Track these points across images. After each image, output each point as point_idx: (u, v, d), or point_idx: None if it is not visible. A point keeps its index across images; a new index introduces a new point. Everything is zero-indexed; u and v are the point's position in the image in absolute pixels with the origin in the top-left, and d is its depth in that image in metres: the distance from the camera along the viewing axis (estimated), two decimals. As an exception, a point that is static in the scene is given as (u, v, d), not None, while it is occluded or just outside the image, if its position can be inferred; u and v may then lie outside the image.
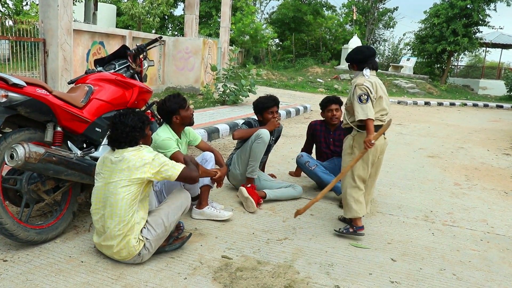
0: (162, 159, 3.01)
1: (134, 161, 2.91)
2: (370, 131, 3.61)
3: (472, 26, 24.52)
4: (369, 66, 3.79)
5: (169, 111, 3.86)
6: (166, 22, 32.54)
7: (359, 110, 3.60)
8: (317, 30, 32.83)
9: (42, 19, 7.67)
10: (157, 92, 11.99)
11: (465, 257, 3.55)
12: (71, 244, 3.24)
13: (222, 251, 3.31)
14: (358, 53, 3.84)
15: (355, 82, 3.72)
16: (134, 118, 3.01)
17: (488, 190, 5.62)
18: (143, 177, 2.91)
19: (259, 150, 4.46)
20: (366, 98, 3.60)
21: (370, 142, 3.60)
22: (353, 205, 3.78)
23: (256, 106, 4.74)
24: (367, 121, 3.60)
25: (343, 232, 3.75)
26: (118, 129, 2.95)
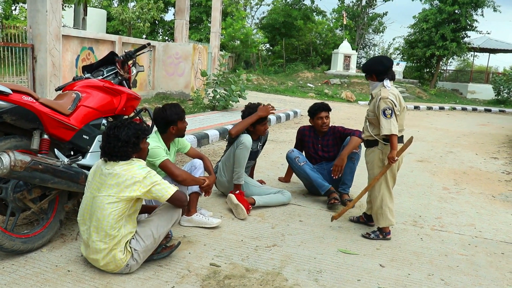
0: (154, 178, 2.92)
1: (124, 178, 2.84)
2: (394, 146, 3.66)
3: (460, 31, 24.79)
4: (388, 77, 3.80)
5: (168, 121, 3.81)
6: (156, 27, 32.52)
7: (384, 125, 3.64)
8: (307, 35, 32.97)
9: (30, 25, 7.62)
10: (147, 97, 11.95)
11: (453, 262, 3.57)
12: (57, 253, 3.21)
13: (210, 259, 3.29)
14: (379, 64, 3.83)
15: (379, 94, 3.71)
16: (128, 132, 2.91)
17: (476, 194, 5.65)
18: (132, 195, 2.85)
19: (243, 156, 4.45)
20: (390, 113, 3.63)
21: (393, 159, 3.68)
22: (389, 214, 3.87)
23: (246, 113, 4.69)
24: (391, 137, 3.64)
25: (372, 237, 3.89)
26: (111, 142, 2.87)
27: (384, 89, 3.73)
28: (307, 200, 4.89)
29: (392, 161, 3.70)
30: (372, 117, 3.81)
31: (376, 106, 3.72)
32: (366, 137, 3.93)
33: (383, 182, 3.87)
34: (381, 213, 3.88)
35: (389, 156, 3.69)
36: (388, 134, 3.64)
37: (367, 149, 3.95)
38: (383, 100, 3.66)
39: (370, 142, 3.89)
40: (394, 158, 3.68)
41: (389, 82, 3.79)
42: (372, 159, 3.89)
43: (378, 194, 3.89)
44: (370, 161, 3.92)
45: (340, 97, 19.61)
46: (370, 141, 3.89)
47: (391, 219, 3.88)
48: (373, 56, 4.05)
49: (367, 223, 4.21)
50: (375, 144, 3.85)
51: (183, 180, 3.57)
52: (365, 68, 3.91)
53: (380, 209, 3.89)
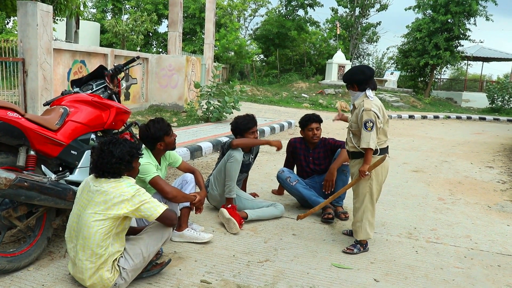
0: (142, 196, 2.85)
1: (112, 195, 2.77)
2: (368, 161, 3.63)
3: (454, 40, 24.94)
4: (370, 86, 3.74)
5: (153, 138, 3.73)
6: (150, 39, 32.55)
7: (363, 137, 3.60)
8: (301, 45, 33.06)
9: (21, 39, 7.57)
10: (140, 110, 11.90)
11: (449, 275, 3.51)
12: (44, 272, 3.13)
13: (201, 275, 3.22)
14: (359, 73, 3.76)
15: (362, 106, 3.65)
16: (123, 149, 2.86)
17: (471, 205, 5.61)
18: (120, 213, 2.77)
19: (234, 169, 4.40)
20: (371, 126, 3.58)
21: (364, 173, 3.65)
22: (368, 228, 3.81)
23: (236, 128, 4.65)
24: (367, 150, 3.61)
25: (355, 252, 3.81)
26: (104, 158, 2.81)
27: (367, 100, 3.67)
28: (300, 213, 4.82)
29: (363, 174, 3.66)
30: (355, 129, 3.75)
31: (359, 117, 3.66)
32: (350, 149, 3.86)
33: (367, 195, 3.80)
34: (360, 226, 3.82)
35: (361, 169, 3.66)
36: (366, 148, 3.60)
37: (352, 160, 3.90)
38: (366, 111, 3.60)
39: (355, 154, 3.82)
40: (365, 172, 3.64)
41: (371, 92, 3.73)
42: (356, 171, 3.81)
43: (361, 206, 3.83)
44: (355, 172, 3.84)
45: (334, 107, 19.62)
46: (355, 152, 3.82)
47: (369, 233, 3.82)
48: (354, 66, 3.98)
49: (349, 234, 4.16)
50: (360, 156, 3.76)
51: (173, 198, 3.50)
52: (345, 78, 3.84)
53: (360, 222, 3.83)
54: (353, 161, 3.88)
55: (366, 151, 3.62)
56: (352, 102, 3.86)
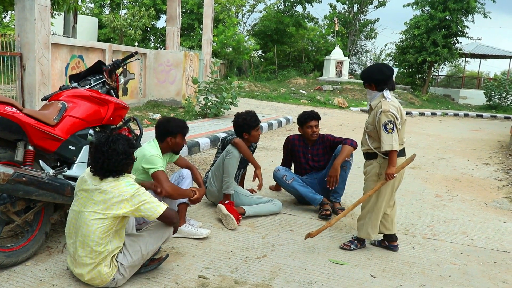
0: (143, 196, 2.82)
1: (111, 195, 2.76)
2: (393, 163, 3.54)
3: (451, 37, 24.93)
4: (388, 87, 3.62)
5: (169, 130, 3.76)
6: (148, 35, 32.50)
7: (384, 140, 3.50)
8: (299, 41, 33.07)
9: (18, 33, 7.54)
10: (138, 105, 11.88)
11: (445, 271, 3.53)
12: (42, 267, 3.13)
13: (199, 271, 3.23)
14: (379, 73, 3.62)
15: (380, 107, 3.54)
16: (124, 143, 2.84)
17: (468, 201, 5.63)
18: (119, 213, 2.76)
19: (231, 165, 4.41)
20: (392, 127, 3.48)
21: (392, 175, 3.55)
22: (369, 228, 3.76)
23: (244, 124, 4.64)
24: (391, 153, 3.51)
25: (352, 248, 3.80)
26: (111, 158, 2.76)
27: (384, 101, 3.56)
28: (298, 209, 4.85)
29: (390, 177, 3.56)
30: (371, 130, 3.66)
31: (376, 119, 3.55)
32: (365, 150, 3.78)
33: (374, 195, 3.72)
34: (363, 224, 3.80)
35: (388, 172, 3.55)
36: (389, 150, 3.50)
37: (366, 161, 3.83)
38: (384, 113, 3.49)
39: (369, 155, 3.75)
40: (392, 174, 3.54)
41: (389, 93, 3.61)
42: (369, 171, 3.76)
43: (366, 205, 3.80)
44: (367, 173, 3.79)
45: (332, 103, 19.62)
46: (369, 153, 3.75)
47: (370, 234, 3.78)
48: (373, 64, 3.84)
49: (389, 247, 3.90)
50: (374, 157, 3.71)
51: (170, 195, 3.50)
52: (364, 76, 3.71)
53: (363, 220, 3.81)
54: (367, 161, 3.81)
55: (390, 154, 3.52)
56: (369, 101, 3.76)
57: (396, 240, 3.90)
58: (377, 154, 3.67)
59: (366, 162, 3.83)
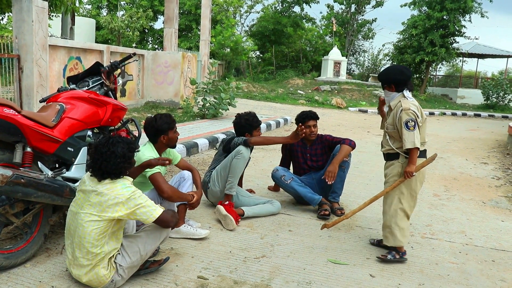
0: (138, 200, 2.81)
1: (106, 197, 2.75)
2: (413, 161, 3.50)
3: (449, 36, 24.95)
4: (408, 87, 3.62)
5: (158, 130, 3.78)
6: (146, 36, 32.50)
7: (406, 138, 3.46)
8: (297, 42, 33.08)
9: (16, 35, 7.54)
10: (136, 106, 11.88)
11: (444, 270, 3.54)
12: (41, 268, 3.14)
13: (198, 271, 3.24)
14: (398, 73, 3.60)
15: (400, 106, 3.52)
16: (123, 146, 2.83)
17: (466, 201, 5.64)
18: (114, 215, 2.76)
19: (239, 166, 4.41)
20: (413, 125, 3.46)
21: (411, 174, 3.50)
22: (398, 234, 3.61)
23: (246, 125, 4.65)
24: (413, 150, 3.48)
25: (389, 258, 3.61)
26: (109, 161, 2.76)
27: (405, 100, 3.55)
28: (296, 210, 4.85)
29: (409, 175, 3.50)
30: (391, 130, 3.63)
31: (397, 118, 3.53)
32: (386, 151, 3.75)
33: (396, 197, 3.64)
34: (390, 231, 3.65)
35: (407, 170, 3.50)
36: (411, 148, 3.46)
37: (387, 162, 3.78)
38: (405, 111, 3.48)
39: (391, 156, 3.71)
40: (412, 172, 3.49)
41: (409, 93, 3.61)
42: (390, 172, 3.70)
43: (389, 210, 3.68)
44: (388, 174, 3.72)
45: (330, 103, 19.65)
46: (390, 154, 3.71)
47: (401, 239, 3.61)
48: (391, 65, 3.78)
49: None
50: (396, 157, 3.66)
51: (169, 197, 3.50)
52: (384, 77, 3.67)
53: (389, 227, 3.66)
54: (388, 163, 3.76)
55: (411, 151, 3.49)
56: (387, 103, 3.75)
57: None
58: (399, 154, 3.63)
59: (387, 163, 3.78)
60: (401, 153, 3.61)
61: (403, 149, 3.55)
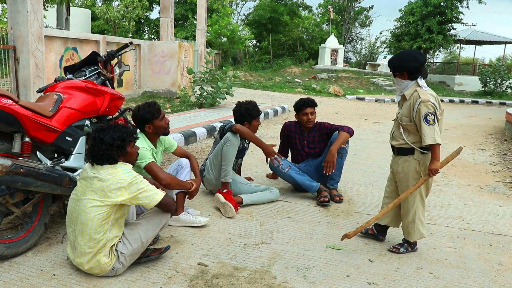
0: (140, 184, 2.83)
1: (108, 182, 2.77)
2: (437, 157, 3.26)
3: (446, 23, 24.95)
4: (422, 75, 3.37)
5: (142, 120, 3.78)
6: (142, 26, 32.29)
7: (426, 133, 3.21)
8: (294, 30, 32.98)
9: (11, 26, 7.49)
10: (133, 96, 11.86)
11: (442, 255, 3.57)
12: (43, 257, 3.16)
13: (198, 258, 3.26)
14: (412, 60, 3.33)
15: (417, 97, 3.27)
16: (113, 134, 2.84)
17: (464, 186, 5.67)
18: (117, 200, 2.78)
19: (230, 153, 4.42)
20: (433, 119, 3.20)
21: (436, 171, 3.29)
22: (421, 227, 3.51)
23: (246, 113, 4.62)
24: (435, 146, 3.23)
25: (402, 251, 3.55)
26: (96, 145, 2.81)
27: (421, 90, 3.29)
28: (295, 197, 4.88)
29: (434, 173, 3.30)
30: (407, 123, 3.36)
31: (414, 110, 3.27)
32: (398, 145, 3.47)
33: (417, 194, 3.46)
34: (413, 227, 3.50)
35: (432, 167, 3.27)
36: (432, 144, 3.22)
37: (398, 157, 3.51)
38: (424, 103, 3.21)
39: (404, 150, 3.44)
40: (437, 170, 3.28)
41: (423, 81, 3.36)
42: (406, 170, 3.44)
43: (412, 208, 3.49)
44: (404, 171, 3.46)
45: (328, 91, 19.65)
46: (402, 149, 3.44)
47: (423, 232, 3.53)
48: (403, 51, 3.50)
49: (377, 236, 3.79)
50: (410, 153, 3.40)
51: (168, 184, 3.50)
52: (396, 64, 3.39)
53: (412, 223, 3.50)
54: (399, 157, 3.49)
55: (433, 147, 3.24)
56: (399, 91, 3.49)
57: (386, 233, 3.81)
58: (413, 149, 3.39)
59: (400, 158, 3.49)
60: (416, 148, 3.37)
61: (421, 144, 3.32)
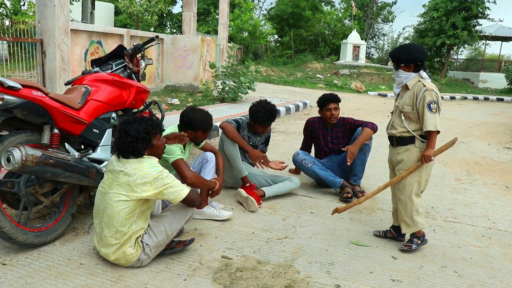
0: (166, 179, 2.85)
1: (134, 177, 2.80)
2: (432, 145, 3.31)
3: (472, 19, 24.47)
4: (424, 67, 3.43)
5: (191, 124, 3.80)
6: (164, 20, 32.46)
7: (428, 119, 3.26)
8: (316, 25, 32.77)
9: (39, 20, 7.63)
10: (156, 90, 11.96)
11: (467, 253, 3.53)
12: (70, 246, 3.22)
13: (222, 251, 3.29)
14: (420, 52, 3.36)
15: (422, 86, 3.31)
16: (139, 127, 2.85)
17: (489, 185, 5.59)
18: (143, 195, 2.80)
19: (231, 151, 4.46)
20: (436, 107, 3.27)
21: (429, 158, 3.32)
22: (419, 219, 3.48)
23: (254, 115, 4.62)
24: (433, 133, 3.29)
25: (414, 248, 3.48)
26: (121, 138, 2.84)
27: (425, 81, 3.34)
28: (318, 192, 4.87)
29: (427, 160, 3.31)
30: (409, 111, 3.37)
31: (418, 98, 3.30)
32: (399, 134, 3.46)
33: (415, 185, 3.45)
34: (411, 219, 3.48)
35: (426, 154, 3.30)
36: (433, 130, 3.26)
37: (398, 147, 3.49)
38: (429, 92, 3.27)
39: (404, 140, 3.44)
40: (430, 157, 3.30)
41: (425, 74, 3.40)
42: (407, 159, 3.43)
43: (406, 197, 3.48)
44: (404, 160, 3.45)
45: (349, 87, 19.51)
46: (404, 138, 3.44)
47: (423, 222, 3.50)
48: (405, 44, 3.54)
49: (396, 238, 3.69)
50: (410, 142, 3.41)
51: (192, 183, 3.50)
52: (403, 56, 3.39)
53: (409, 216, 3.48)
54: (400, 147, 3.47)
55: (431, 134, 3.29)
56: (398, 83, 3.50)
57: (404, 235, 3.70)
58: (414, 138, 3.40)
59: (400, 148, 3.48)
60: (417, 137, 3.39)
61: (421, 132, 3.36)
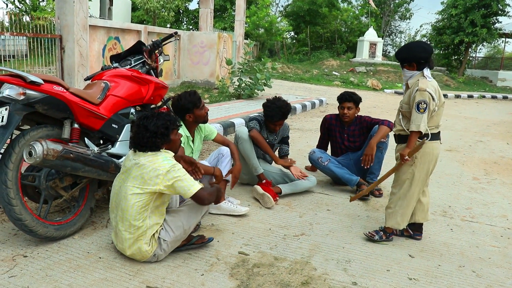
0: (178, 172, 2.86)
1: (147, 169, 2.83)
2: (410, 145, 3.34)
3: (491, 16, 24.10)
4: (429, 65, 3.40)
5: (183, 109, 3.85)
6: (181, 16, 32.56)
7: (414, 119, 3.30)
8: (332, 22, 32.61)
9: (58, 15, 7.72)
10: (172, 86, 12.02)
11: (485, 253, 3.50)
12: (89, 240, 3.26)
13: (239, 247, 3.30)
14: (421, 50, 3.36)
15: (416, 85, 3.32)
16: (157, 122, 2.89)
17: (508, 185, 5.53)
18: (155, 188, 2.82)
19: (246, 148, 4.45)
20: (424, 108, 3.25)
21: (403, 157, 3.36)
22: (399, 217, 3.52)
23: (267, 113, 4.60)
24: (414, 133, 3.32)
25: (376, 239, 3.55)
26: (140, 133, 2.87)
27: (423, 80, 3.32)
28: (334, 190, 4.86)
29: (402, 159, 3.37)
30: (406, 110, 3.42)
31: (412, 97, 3.33)
32: (397, 132, 3.54)
33: (407, 182, 3.48)
34: (392, 212, 3.54)
35: (401, 152, 3.37)
36: (414, 130, 3.30)
37: (399, 145, 3.56)
38: (420, 92, 3.26)
39: (402, 138, 3.50)
40: (404, 156, 3.34)
41: (429, 72, 3.39)
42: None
43: (397, 193, 3.54)
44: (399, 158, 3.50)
45: (366, 85, 19.38)
46: (402, 136, 3.50)
47: (400, 223, 3.52)
48: (410, 42, 3.54)
49: (413, 236, 3.68)
50: (406, 140, 3.45)
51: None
52: (404, 56, 3.41)
53: (392, 208, 3.55)
54: (400, 145, 3.54)
55: (411, 134, 3.33)
56: (406, 81, 3.50)
57: (421, 231, 3.71)
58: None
59: (399, 146, 3.57)
60: None
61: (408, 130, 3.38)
